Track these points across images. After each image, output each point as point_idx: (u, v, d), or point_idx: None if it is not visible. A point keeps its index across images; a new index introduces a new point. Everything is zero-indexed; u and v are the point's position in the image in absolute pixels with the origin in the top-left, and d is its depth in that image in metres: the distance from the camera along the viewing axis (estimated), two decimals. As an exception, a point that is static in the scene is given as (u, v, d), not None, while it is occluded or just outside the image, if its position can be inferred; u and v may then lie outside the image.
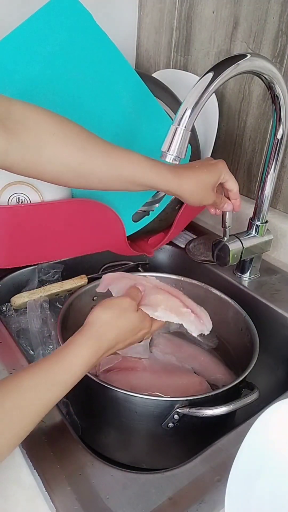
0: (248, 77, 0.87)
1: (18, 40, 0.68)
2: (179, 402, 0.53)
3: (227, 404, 0.53)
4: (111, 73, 0.74)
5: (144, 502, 0.43)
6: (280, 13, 0.77)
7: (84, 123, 0.75)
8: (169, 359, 0.70)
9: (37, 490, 0.45)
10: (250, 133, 0.90)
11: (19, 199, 0.72)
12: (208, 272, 0.84)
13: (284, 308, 0.73)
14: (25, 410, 0.41)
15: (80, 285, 0.78)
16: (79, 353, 0.46)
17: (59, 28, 0.69)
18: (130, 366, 0.66)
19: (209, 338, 0.76)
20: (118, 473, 0.46)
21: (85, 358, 0.46)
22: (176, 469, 0.47)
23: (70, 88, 0.72)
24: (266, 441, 0.43)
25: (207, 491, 0.44)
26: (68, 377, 0.44)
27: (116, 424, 0.58)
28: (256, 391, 0.57)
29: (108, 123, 0.76)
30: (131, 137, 0.78)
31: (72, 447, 0.48)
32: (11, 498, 0.44)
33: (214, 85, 0.54)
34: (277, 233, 0.84)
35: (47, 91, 0.71)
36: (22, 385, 0.42)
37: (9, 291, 0.78)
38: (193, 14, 0.94)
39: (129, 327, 0.51)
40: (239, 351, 0.71)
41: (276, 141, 0.68)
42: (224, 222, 0.72)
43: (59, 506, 0.42)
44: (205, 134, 0.91)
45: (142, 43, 1.11)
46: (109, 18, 1.02)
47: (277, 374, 0.76)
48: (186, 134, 0.54)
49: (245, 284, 0.80)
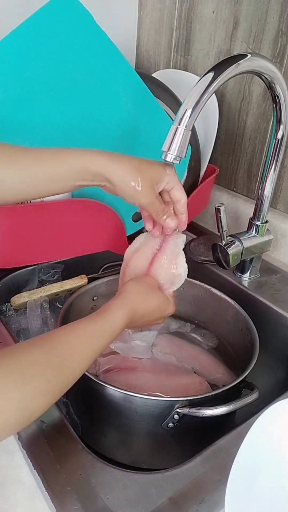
0: (248, 77, 0.87)
1: (18, 40, 0.68)
2: (179, 402, 0.53)
3: (227, 404, 0.53)
4: (111, 73, 0.74)
5: (144, 502, 0.43)
6: (280, 13, 0.77)
7: (84, 123, 0.75)
8: (169, 359, 0.70)
9: (37, 490, 0.45)
10: (250, 133, 0.90)
11: (19, 199, 0.72)
12: (208, 272, 0.84)
13: (284, 308, 0.73)
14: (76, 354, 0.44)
15: (80, 285, 0.78)
16: (119, 312, 0.51)
17: (59, 28, 0.69)
18: (130, 366, 0.66)
19: (209, 338, 0.76)
20: (118, 473, 0.46)
21: (124, 317, 0.51)
22: (176, 469, 0.47)
23: (70, 88, 0.72)
24: (266, 441, 0.43)
25: (207, 491, 0.44)
26: (111, 330, 0.49)
27: (116, 424, 0.57)
28: (256, 391, 0.57)
29: (108, 123, 0.76)
30: (131, 137, 0.78)
31: (72, 447, 0.48)
32: (11, 498, 0.44)
33: (215, 85, 0.54)
34: (277, 233, 0.84)
35: (47, 91, 0.71)
36: (75, 332, 0.46)
37: (9, 291, 0.78)
38: (193, 14, 0.94)
39: (156, 305, 0.56)
40: (239, 351, 0.71)
41: (276, 141, 0.68)
42: (220, 226, 0.72)
43: (59, 506, 0.42)
44: (205, 134, 0.91)
45: (142, 43, 1.11)
46: (109, 18, 1.02)
47: (277, 374, 0.76)
48: (187, 134, 0.54)
49: (245, 284, 0.80)
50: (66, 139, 0.75)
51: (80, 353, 0.44)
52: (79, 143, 0.76)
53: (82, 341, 0.45)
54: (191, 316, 0.80)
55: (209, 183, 0.90)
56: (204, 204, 0.97)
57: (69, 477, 0.45)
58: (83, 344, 0.45)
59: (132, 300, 0.53)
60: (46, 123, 0.73)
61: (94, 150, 0.54)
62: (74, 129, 0.75)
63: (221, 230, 0.72)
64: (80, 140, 0.76)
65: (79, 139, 0.76)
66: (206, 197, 0.96)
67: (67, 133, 0.74)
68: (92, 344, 0.46)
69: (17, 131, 0.72)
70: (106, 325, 0.49)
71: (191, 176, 0.87)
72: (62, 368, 0.42)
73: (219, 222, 0.71)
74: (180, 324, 0.78)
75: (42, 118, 0.73)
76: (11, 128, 0.72)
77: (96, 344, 0.47)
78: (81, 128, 0.75)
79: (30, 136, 0.73)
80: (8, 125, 0.72)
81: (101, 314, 0.50)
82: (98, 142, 0.77)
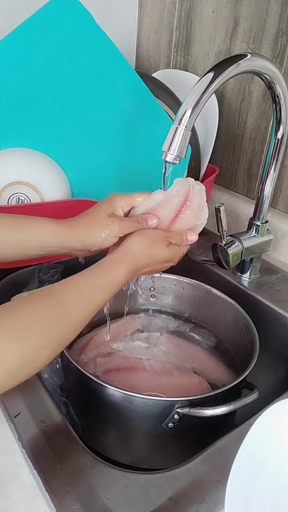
0: (248, 77, 0.87)
1: (18, 40, 0.68)
2: (179, 402, 0.53)
3: (227, 404, 0.53)
4: (111, 73, 0.74)
5: (144, 502, 0.43)
6: (280, 13, 0.77)
7: (84, 123, 0.75)
8: (169, 359, 0.70)
9: (37, 490, 0.44)
10: (250, 133, 0.90)
11: (19, 199, 0.72)
12: (208, 272, 0.84)
13: (284, 308, 0.73)
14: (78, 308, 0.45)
15: (80, 285, 0.78)
16: (122, 268, 0.51)
17: (59, 28, 0.69)
18: (130, 366, 0.66)
19: (208, 337, 0.76)
20: (118, 473, 0.46)
21: (126, 272, 0.51)
22: (176, 469, 0.47)
23: (70, 88, 0.72)
24: (266, 441, 0.43)
25: (207, 491, 0.44)
26: (113, 285, 0.50)
27: (116, 424, 0.57)
28: (256, 391, 0.56)
29: (108, 123, 0.76)
30: (131, 137, 0.78)
31: (72, 447, 0.48)
32: (11, 498, 0.44)
33: (214, 85, 0.54)
34: (277, 233, 0.84)
35: (47, 91, 0.71)
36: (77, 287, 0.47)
37: (9, 291, 0.78)
38: (193, 14, 0.94)
39: (158, 259, 0.56)
40: (239, 351, 0.71)
41: (276, 141, 0.68)
42: (220, 226, 0.72)
43: (59, 506, 0.42)
44: (205, 134, 0.91)
45: (142, 43, 1.11)
46: (109, 18, 1.02)
47: (277, 374, 0.76)
48: (187, 134, 0.54)
49: (245, 284, 0.79)
50: (66, 139, 0.75)
51: (82, 307, 0.45)
52: (79, 143, 0.76)
53: (84, 295, 0.46)
54: (191, 316, 0.80)
55: (209, 183, 0.90)
56: (204, 204, 0.97)
57: (69, 477, 0.45)
58: (85, 298, 0.46)
59: (136, 254, 0.53)
60: (46, 123, 0.73)
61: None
62: (74, 129, 0.75)
63: (221, 230, 0.72)
64: (80, 140, 0.76)
65: (79, 139, 0.76)
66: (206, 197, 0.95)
67: (67, 133, 0.75)
68: (94, 298, 0.47)
69: (17, 131, 0.72)
70: (108, 280, 0.49)
71: (191, 176, 0.86)
72: (63, 322, 0.43)
73: (219, 222, 0.71)
74: (179, 323, 0.78)
75: (42, 118, 0.73)
76: (11, 128, 0.72)
77: (98, 298, 0.48)
78: (81, 128, 0.75)
79: (30, 136, 0.73)
80: (8, 125, 0.72)
81: (103, 268, 0.50)
82: (98, 142, 0.77)
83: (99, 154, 0.77)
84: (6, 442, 0.49)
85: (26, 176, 0.72)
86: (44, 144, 0.74)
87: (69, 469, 0.46)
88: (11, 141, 0.73)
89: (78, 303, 0.45)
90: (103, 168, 0.78)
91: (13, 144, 0.72)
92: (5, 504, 0.43)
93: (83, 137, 0.76)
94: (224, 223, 0.71)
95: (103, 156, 0.77)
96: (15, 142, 0.73)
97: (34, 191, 0.72)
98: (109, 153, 0.77)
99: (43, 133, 0.73)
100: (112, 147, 0.77)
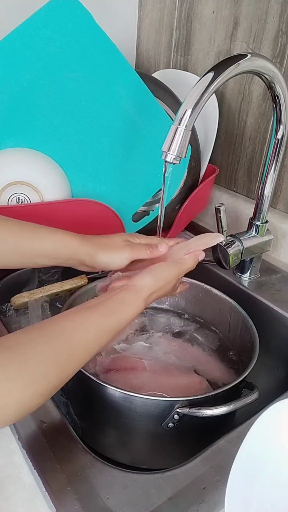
0: (248, 77, 0.87)
1: (18, 40, 0.68)
2: (179, 402, 0.53)
3: (227, 404, 0.53)
4: (111, 73, 0.74)
5: (144, 502, 0.43)
6: (280, 13, 0.77)
7: (84, 123, 0.75)
8: (169, 359, 0.70)
9: (37, 490, 0.44)
10: (250, 133, 0.90)
11: (19, 199, 0.72)
12: (208, 272, 0.84)
13: (284, 308, 0.73)
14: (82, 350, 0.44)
15: (80, 285, 0.78)
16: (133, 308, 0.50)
17: (59, 28, 0.69)
18: (130, 366, 0.66)
19: (211, 338, 0.76)
20: (118, 473, 0.46)
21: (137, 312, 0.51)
22: (176, 469, 0.47)
23: (70, 88, 0.72)
24: (266, 441, 0.43)
25: (207, 491, 0.44)
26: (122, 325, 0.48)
27: (116, 424, 0.57)
28: (256, 391, 0.57)
29: (108, 123, 0.76)
30: (131, 137, 0.78)
31: (72, 447, 0.48)
32: (11, 498, 0.44)
33: (214, 85, 0.54)
34: (277, 233, 0.84)
35: (47, 91, 0.71)
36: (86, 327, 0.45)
37: (9, 291, 0.78)
38: (193, 14, 0.94)
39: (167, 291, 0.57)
40: (239, 351, 0.71)
41: (276, 141, 0.68)
42: (220, 226, 0.72)
43: (59, 506, 0.42)
44: (205, 134, 0.91)
45: (142, 43, 1.11)
46: (109, 18, 1.02)
47: (277, 374, 0.76)
48: (187, 134, 0.54)
49: (245, 284, 0.80)
50: (66, 139, 0.75)
51: (86, 350, 0.44)
52: (79, 143, 0.76)
53: (91, 336, 0.45)
54: (192, 316, 0.80)
55: (209, 183, 0.90)
56: (204, 204, 0.97)
57: (69, 477, 0.45)
58: (91, 339, 0.45)
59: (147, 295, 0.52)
60: (46, 123, 0.73)
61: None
62: (74, 129, 0.75)
63: (221, 230, 0.72)
64: (80, 140, 0.76)
65: (79, 139, 0.76)
66: (206, 197, 0.96)
67: (67, 133, 0.75)
68: (99, 340, 0.46)
69: (17, 131, 0.72)
70: (119, 322, 0.48)
71: (191, 176, 0.87)
72: (66, 366, 0.42)
73: (219, 222, 0.71)
74: (184, 323, 0.78)
75: (42, 118, 0.73)
76: (11, 128, 0.72)
77: (103, 340, 0.46)
78: (81, 128, 0.75)
79: (30, 136, 0.73)
80: (8, 125, 0.72)
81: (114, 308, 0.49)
82: (99, 142, 0.77)
83: (99, 154, 0.77)
84: (6, 442, 0.49)
85: (26, 176, 0.72)
86: (44, 144, 0.74)
87: (69, 469, 0.46)
88: (11, 141, 0.72)
89: (84, 347, 0.44)
90: (103, 168, 0.78)
91: (13, 144, 0.72)
92: (5, 504, 0.43)
93: (83, 137, 0.75)
94: (224, 223, 0.71)
95: (103, 156, 0.77)
96: (15, 142, 0.73)
97: (34, 191, 0.72)
98: (109, 153, 0.77)
99: (43, 133, 0.73)
100: (112, 147, 0.77)
